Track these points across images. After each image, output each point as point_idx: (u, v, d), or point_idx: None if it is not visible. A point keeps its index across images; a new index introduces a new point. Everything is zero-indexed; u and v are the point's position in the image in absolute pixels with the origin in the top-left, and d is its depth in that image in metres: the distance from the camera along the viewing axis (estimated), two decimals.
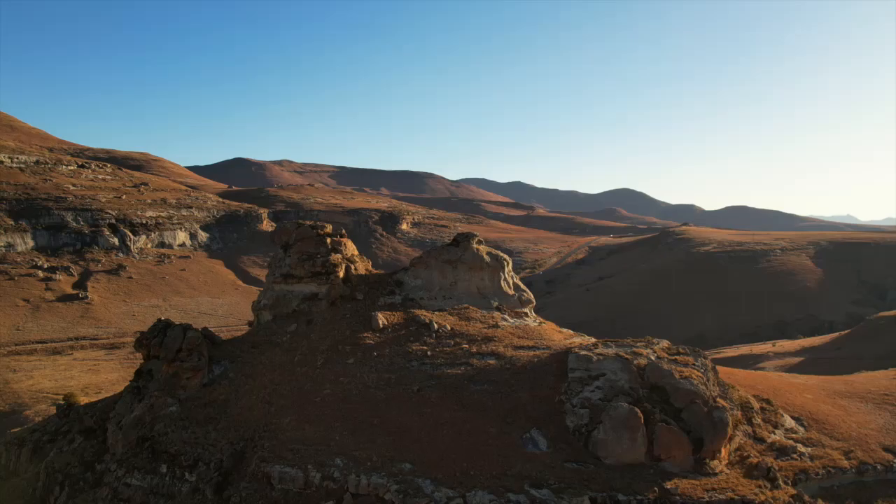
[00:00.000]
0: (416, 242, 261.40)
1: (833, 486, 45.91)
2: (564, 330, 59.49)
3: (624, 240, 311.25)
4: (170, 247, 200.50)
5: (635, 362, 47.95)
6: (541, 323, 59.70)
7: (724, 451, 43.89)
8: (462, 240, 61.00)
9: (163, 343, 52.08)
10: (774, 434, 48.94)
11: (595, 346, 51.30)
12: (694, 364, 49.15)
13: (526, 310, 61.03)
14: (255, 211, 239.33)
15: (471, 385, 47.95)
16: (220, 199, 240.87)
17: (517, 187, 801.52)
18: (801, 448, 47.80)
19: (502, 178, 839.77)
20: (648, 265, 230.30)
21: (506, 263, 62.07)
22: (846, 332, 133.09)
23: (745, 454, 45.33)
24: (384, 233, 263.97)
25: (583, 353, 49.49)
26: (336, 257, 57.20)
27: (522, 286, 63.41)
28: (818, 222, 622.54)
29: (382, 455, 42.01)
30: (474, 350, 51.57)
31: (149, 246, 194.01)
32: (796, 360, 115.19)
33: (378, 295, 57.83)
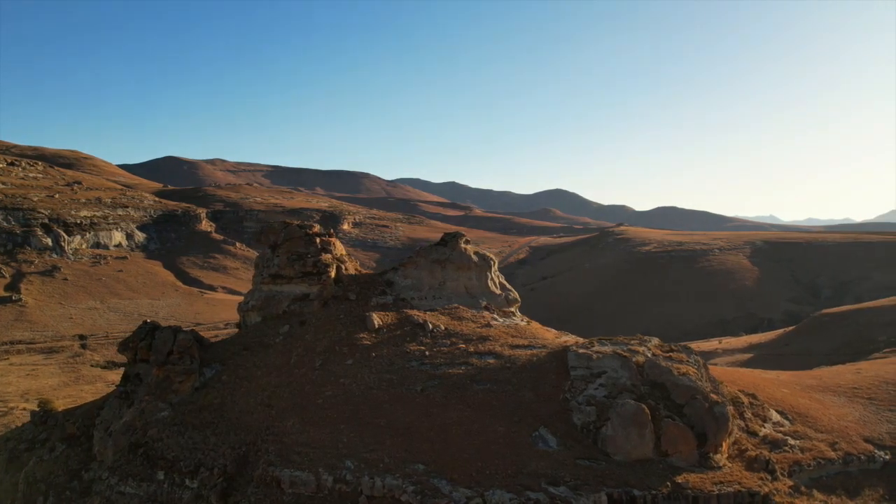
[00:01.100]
0: (358, 243, 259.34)
1: (822, 476, 47.62)
2: (551, 329, 60.06)
3: (563, 240, 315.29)
4: (106, 247, 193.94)
5: (634, 360, 48.79)
6: (528, 322, 60.10)
7: (724, 445, 45.08)
8: (450, 239, 60.96)
9: (151, 346, 50.48)
10: (765, 428, 50.47)
11: (591, 344, 51.93)
12: (687, 361, 50.29)
13: (513, 309, 61.39)
14: (194, 210, 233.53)
15: (473, 385, 47.97)
16: (157, 199, 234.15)
17: (452, 187, 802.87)
18: (791, 441, 49.42)
19: (437, 178, 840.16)
20: (591, 265, 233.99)
21: (492, 263, 62.30)
22: (791, 328, 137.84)
23: (743, 448, 46.65)
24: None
25: (582, 351, 50.09)
26: (327, 257, 56.41)
27: (508, 286, 63.76)
28: (743, 222, 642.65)
29: (394, 456, 41.68)
30: (472, 350, 51.61)
31: (84, 246, 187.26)
32: (746, 356, 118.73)
33: (370, 295, 57.25)
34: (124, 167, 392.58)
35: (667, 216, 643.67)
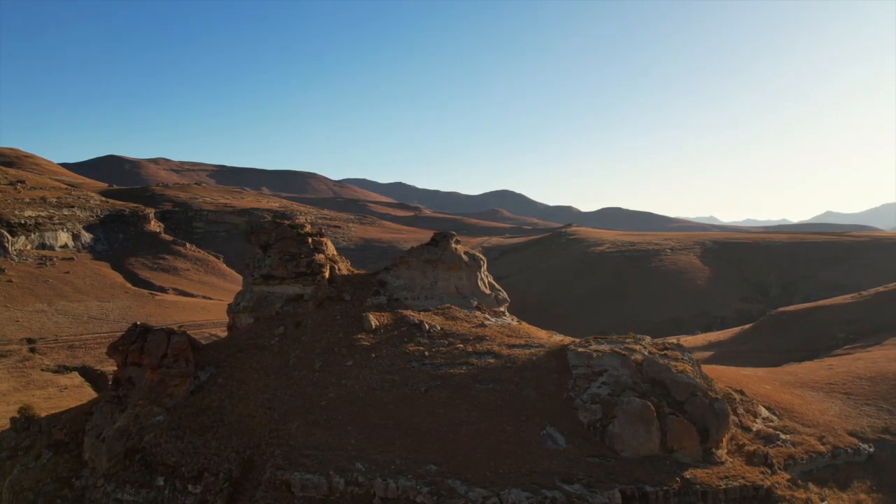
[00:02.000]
0: None
1: (812, 469, 48.99)
2: (541, 329, 60.45)
3: (515, 240, 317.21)
4: (51, 248, 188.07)
5: (632, 358, 49.46)
6: (520, 322, 60.38)
7: (724, 441, 46.02)
8: (440, 239, 60.83)
9: (143, 349, 49.07)
10: (756, 423, 51.69)
11: (588, 342, 52.44)
12: (682, 359, 51.22)
13: (502, 309, 61.58)
14: (142, 210, 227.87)
15: (476, 384, 47.99)
16: (104, 199, 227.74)
17: (399, 188, 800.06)
18: (782, 436, 50.72)
19: (384, 178, 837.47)
20: (546, 265, 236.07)
21: (482, 263, 62.36)
22: (749, 326, 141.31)
23: (741, 443, 47.71)
24: None
25: (581, 350, 50.57)
26: (320, 257, 55.68)
27: (497, 286, 63.94)
28: (686, 223, 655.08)
29: (405, 457, 41.43)
30: (470, 349, 51.62)
31: (28, 247, 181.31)
32: (707, 353, 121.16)
33: (364, 295, 56.76)
34: (64, 166, 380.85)
35: (612, 217, 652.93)
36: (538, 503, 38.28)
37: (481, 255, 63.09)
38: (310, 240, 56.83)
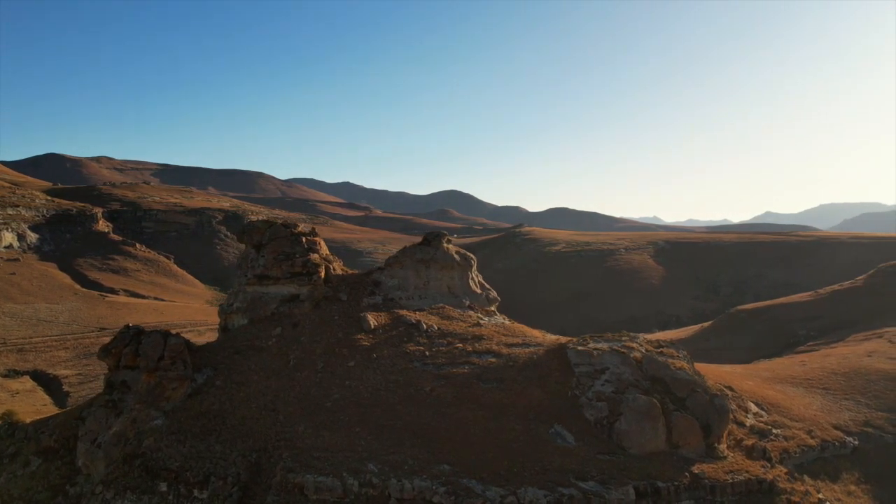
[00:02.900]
0: None
1: (804, 462, 50.33)
2: (534, 329, 60.77)
3: (469, 240, 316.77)
4: None
5: (631, 356, 50.09)
6: (512, 321, 60.57)
7: (724, 436, 46.96)
8: (433, 239, 60.60)
9: (138, 351, 47.74)
10: (748, 418, 52.90)
11: (585, 341, 52.91)
12: (678, 356, 52.06)
13: (493, 308, 61.68)
14: (90, 210, 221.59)
15: (480, 384, 47.99)
16: (49, 198, 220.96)
17: (347, 188, 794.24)
18: (774, 430, 51.99)
19: (331, 178, 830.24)
20: (503, 265, 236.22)
21: (473, 262, 62.35)
22: (708, 324, 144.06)
23: (738, 438, 48.76)
24: (229, 234, 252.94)
25: (581, 348, 50.99)
26: (315, 257, 54.93)
27: (487, 285, 64.01)
28: (631, 223, 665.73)
29: (417, 458, 41.23)
30: (470, 349, 51.60)
31: None
32: None
33: (360, 295, 56.18)
34: (3, 164, 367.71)
35: (560, 217, 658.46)
36: (555, 501, 38.50)
37: (472, 255, 63.06)
38: (304, 239, 56.03)
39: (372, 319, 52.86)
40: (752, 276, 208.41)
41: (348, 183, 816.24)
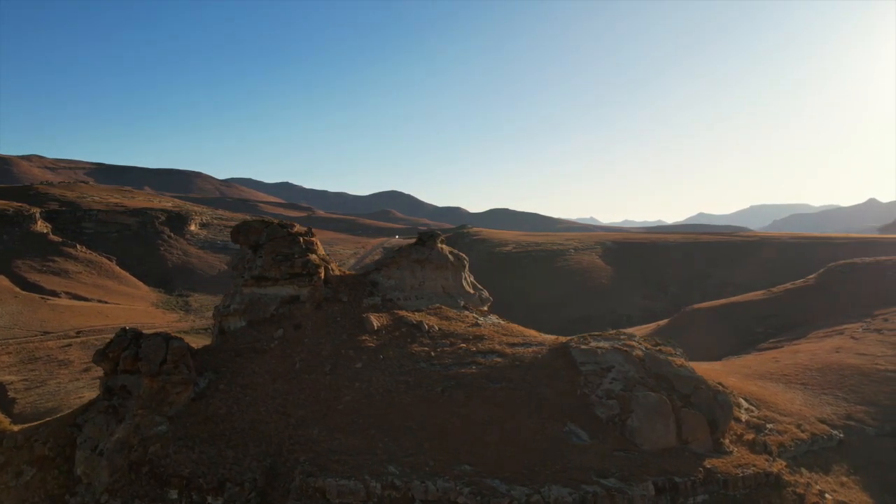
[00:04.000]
0: (206, 244, 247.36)
1: (797, 455, 51.87)
2: (528, 328, 61.06)
3: (415, 240, 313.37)
4: None
5: (633, 354, 50.82)
6: (507, 321, 60.72)
7: (727, 431, 48.05)
8: (427, 238, 60.31)
9: (137, 355, 46.15)
10: (742, 413, 54.18)
11: (586, 339, 53.44)
12: (675, 354, 53.08)
13: (486, 308, 61.73)
14: (27, 210, 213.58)
15: (489, 384, 48.02)
16: None
17: (286, 188, 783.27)
18: (768, 425, 53.43)
19: (270, 178, 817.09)
20: None
21: (466, 263, 62.30)
22: (664, 322, 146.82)
23: (739, 433, 49.97)
24: (172, 234, 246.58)
25: (584, 347, 51.48)
26: (314, 258, 54.01)
27: (479, 285, 64.02)
28: (570, 224, 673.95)
29: (437, 459, 41.04)
30: (474, 349, 51.56)
31: None
32: None
33: (360, 296, 55.49)
34: None
35: (501, 217, 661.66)
36: (580, 498, 38.78)
37: (464, 255, 63.00)
38: (301, 240, 55.05)
39: (375, 320, 52.32)
40: (698, 276, 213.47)
41: (287, 183, 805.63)
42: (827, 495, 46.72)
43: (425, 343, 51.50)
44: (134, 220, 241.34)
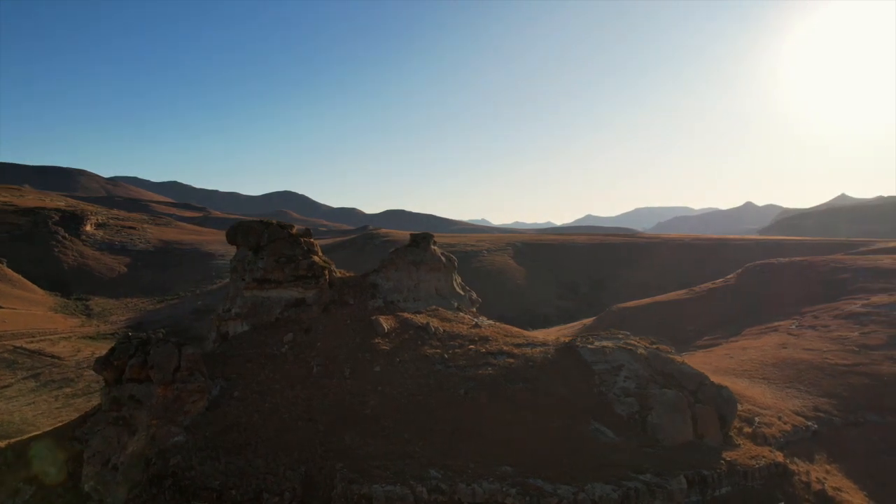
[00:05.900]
0: (105, 245, 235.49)
1: (783, 446, 54.53)
2: (523, 329, 61.53)
3: (326, 241, 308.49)
4: None
5: (638, 352, 52.12)
6: (501, 323, 60.93)
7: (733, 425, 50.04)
8: (421, 240, 59.74)
9: (146, 363, 43.58)
10: None
11: (590, 339, 54.35)
12: (672, 352, 54.83)
13: (474, 309, 61.74)
14: None
15: (508, 384, 48.16)
16: None
17: (175, 187, 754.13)
18: (756, 418, 55.88)
19: (158, 177, 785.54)
20: (370, 266, 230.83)
21: (455, 264, 62.07)
22: (590, 320, 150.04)
23: (737, 426, 52.00)
24: (67, 235, 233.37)
25: (591, 346, 52.38)
26: (318, 259, 52.49)
27: (468, 287, 63.92)
28: (465, 225, 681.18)
29: (477, 461, 40.90)
30: (483, 350, 51.56)
31: None
32: None
33: (364, 299, 54.30)
34: None
35: (398, 219, 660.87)
36: (623, 494, 39.49)
37: (454, 257, 62.80)
38: (302, 241, 53.41)
39: (384, 323, 51.41)
40: (606, 276, 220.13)
41: (176, 182, 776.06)
42: (824, 482, 49.39)
43: (435, 345, 51.10)
44: (25, 220, 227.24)
